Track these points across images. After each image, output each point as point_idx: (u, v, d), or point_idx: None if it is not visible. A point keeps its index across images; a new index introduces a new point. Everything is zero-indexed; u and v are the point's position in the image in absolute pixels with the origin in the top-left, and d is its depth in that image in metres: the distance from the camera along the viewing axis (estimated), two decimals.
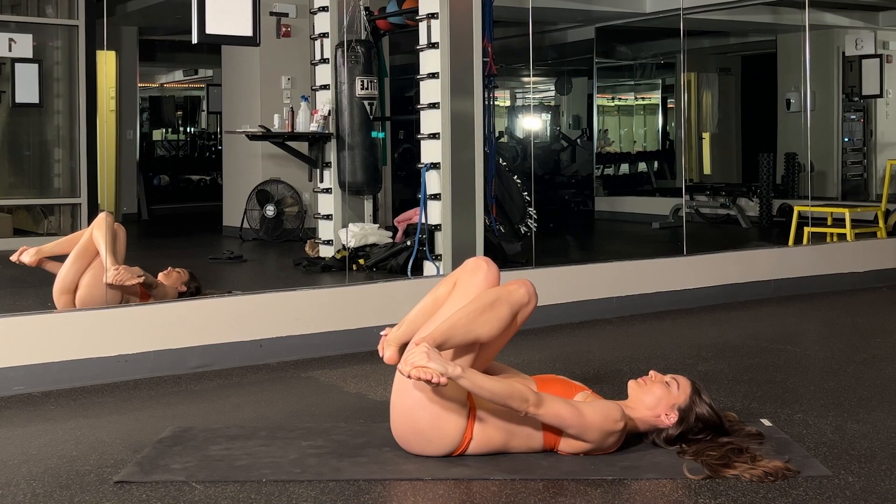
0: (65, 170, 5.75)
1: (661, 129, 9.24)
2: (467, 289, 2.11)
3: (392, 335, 2.13)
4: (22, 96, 5.52)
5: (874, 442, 2.21)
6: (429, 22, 4.32)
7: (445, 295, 2.15)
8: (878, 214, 5.54)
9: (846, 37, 7.52)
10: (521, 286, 2.11)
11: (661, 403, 2.10)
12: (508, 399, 1.96)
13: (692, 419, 2.09)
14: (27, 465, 2.11)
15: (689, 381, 2.14)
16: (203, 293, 3.52)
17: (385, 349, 2.12)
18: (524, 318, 2.14)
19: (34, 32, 5.60)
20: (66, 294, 3.25)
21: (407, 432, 2.07)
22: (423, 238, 4.35)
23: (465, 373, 1.93)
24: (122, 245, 3.30)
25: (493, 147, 4.90)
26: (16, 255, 3.36)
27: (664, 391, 2.10)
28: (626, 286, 3.97)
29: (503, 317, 2.06)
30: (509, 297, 2.08)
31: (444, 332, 2.00)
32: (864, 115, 7.62)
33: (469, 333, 2.02)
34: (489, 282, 2.13)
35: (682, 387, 2.12)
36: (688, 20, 5.70)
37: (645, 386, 2.13)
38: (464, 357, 2.04)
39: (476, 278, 2.12)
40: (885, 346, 3.37)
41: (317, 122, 5.09)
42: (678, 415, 2.09)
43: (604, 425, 2.02)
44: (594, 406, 2.04)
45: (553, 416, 2.00)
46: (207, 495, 1.90)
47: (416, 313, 2.16)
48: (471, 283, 2.12)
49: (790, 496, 1.87)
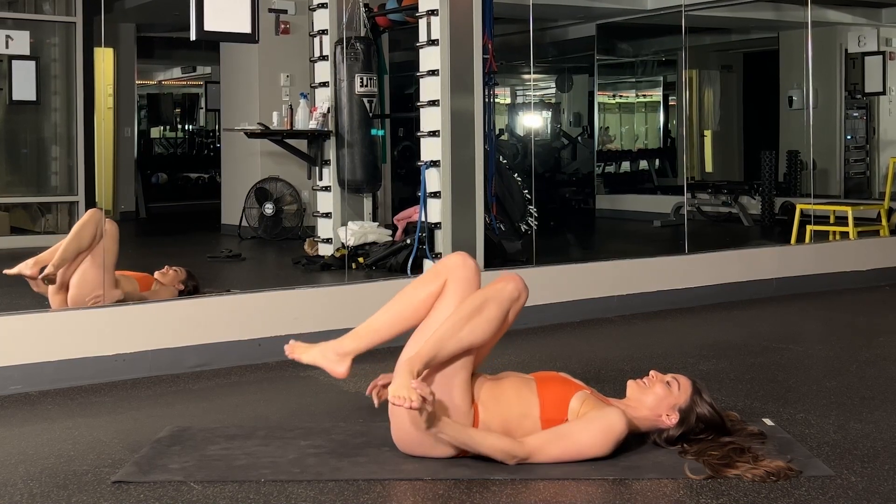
0: (62, 168, 5.74)
1: (663, 126, 9.22)
2: (458, 288, 2.05)
3: (349, 346, 2.04)
4: (19, 94, 5.50)
5: (877, 441, 2.20)
6: (429, 19, 4.30)
7: (427, 298, 2.06)
8: (880, 212, 5.51)
9: (849, 34, 7.49)
10: (508, 282, 2.07)
11: (662, 404, 2.08)
12: (491, 455, 1.96)
13: (693, 419, 2.07)
14: (24, 464, 2.10)
15: (690, 381, 2.13)
16: (201, 292, 3.50)
17: (339, 363, 2.03)
18: (516, 313, 2.09)
19: (31, 29, 5.59)
20: (58, 294, 3.22)
21: (412, 444, 2.05)
22: (422, 236, 4.33)
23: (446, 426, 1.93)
24: (112, 241, 3.23)
25: (493, 145, 4.88)
26: (14, 271, 3.26)
27: (665, 391, 2.09)
28: (627, 285, 3.96)
29: (494, 318, 2.02)
30: (498, 296, 2.03)
31: (431, 348, 1.96)
32: (866, 113, 7.60)
33: (460, 342, 1.98)
34: (475, 278, 2.07)
35: (682, 387, 2.10)
36: (689, 17, 5.67)
37: (645, 386, 2.10)
38: (462, 360, 2.01)
39: (466, 274, 2.05)
40: (887, 346, 3.35)
41: (316, 120, 5.07)
42: (679, 415, 2.08)
43: (606, 439, 2.00)
44: (591, 424, 2.00)
45: (547, 458, 1.98)
46: (206, 495, 1.89)
47: (382, 323, 2.06)
48: (461, 282, 2.05)
49: (792, 496, 1.86)
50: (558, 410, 2.04)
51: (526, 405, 2.05)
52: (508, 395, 2.07)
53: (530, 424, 2.04)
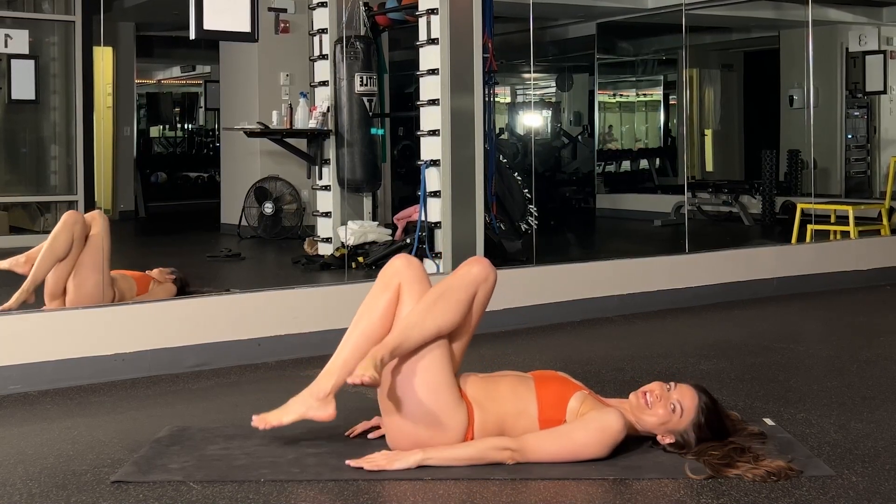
0: (61, 167, 5.73)
1: (663, 125, 9.21)
2: (413, 289, 2.01)
3: (326, 387, 1.99)
4: (18, 93, 5.49)
5: (878, 441, 2.19)
6: (428, 18, 4.29)
7: (386, 310, 2.01)
8: (881, 212, 5.50)
9: (850, 33, 7.48)
10: (472, 265, 2.05)
11: (662, 428, 2.04)
12: (485, 457, 1.95)
13: (692, 442, 2.02)
14: (23, 464, 2.10)
15: (695, 406, 2.02)
16: (196, 290, 3.49)
17: (323, 407, 1.99)
18: (486, 294, 2.06)
19: (30, 28, 5.58)
20: (56, 300, 3.20)
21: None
22: (422, 236, 4.33)
23: (429, 454, 1.93)
24: (99, 240, 3.12)
25: (493, 144, 4.87)
26: (4, 265, 3.19)
27: (666, 416, 2.02)
28: (627, 284, 3.95)
29: (460, 300, 1.99)
30: (462, 280, 2.01)
31: (396, 336, 1.94)
32: (867, 112, 7.58)
33: (426, 330, 1.95)
34: (424, 275, 2.04)
35: (685, 414, 2.02)
36: (690, 16, 5.66)
37: (647, 408, 2.03)
38: (433, 346, 1.97)
39: (415, 273, 2.01)
40: (888, 345, 3.35)
41: (315, 119, 5.06)
42: (675, 439, 2.04)
43: (603, 441, 1.98)
44: (588, 425, 1.97)
45: (542, 455, 1.97)
46: (205, 495, 1.88)
47: (350, 352, 2.01)
48: (414, 283, 2.01)
49: (793, 496, 1.85)
50: (557, 410, 2.03)
51: (523, 403, 2.04)
52: (505, 393, 2.05)
53: (527, 423, 2.03)
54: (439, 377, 1.99)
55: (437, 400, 1.98)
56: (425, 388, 1.98)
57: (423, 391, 1.98)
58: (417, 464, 1.95)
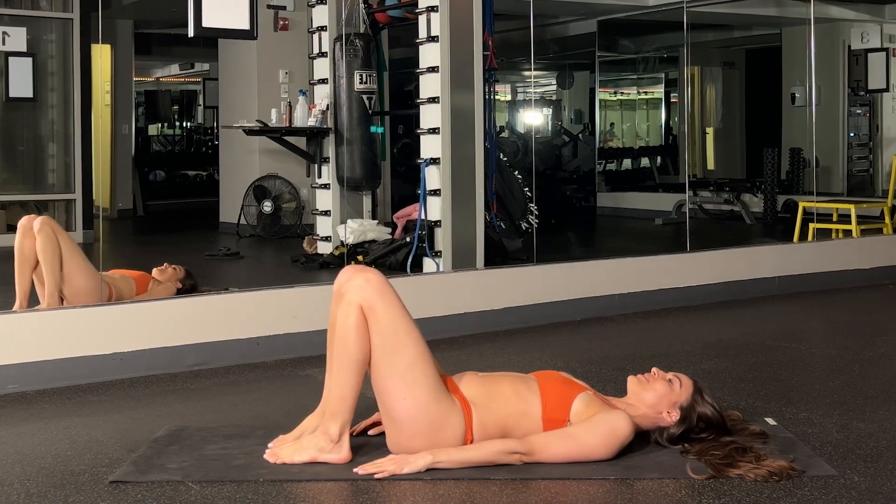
0: (59, 165, 5.73)
1: (664, 123, 9.19)
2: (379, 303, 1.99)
3: (335, 429, 1.99)
4: (16, 90, 5.49)
5: (880, 441, 2.19)
6: (428, 15, 4.27)
7: (358, 333, 1.97)
8: (884, 210, 5.50)
9: (852, 30, 7.46)
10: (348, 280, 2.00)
11: (663, 401, 2.07)
12: (494, 460, 1.95)
13: (694, 418, 2.07)
14: (21, 464, 2.09)
15: (692, 381, 2.12)
16: (199, 290, 3.48)
17: (338, 450, 1.99)
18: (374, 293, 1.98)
19: (28, 26, 5.57)
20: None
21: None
22: (422, 234, 4.32)
23: (438, 457, 1.93)
24: (61, 240, 3.10)
25: (493, 142, 4.86)
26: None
27: (666, 389, 2.08)
28: (628, 283, 3.94)
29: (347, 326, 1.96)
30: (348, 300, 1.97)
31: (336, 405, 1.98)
32: (869, 110, 7.57)
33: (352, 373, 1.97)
34: (378, 280, 2.02)
35: (684, 385, 2.09)
36: (691, 13, 5.65)
37: (646, 383, 2.10)
38: (408, 365, 1.95)
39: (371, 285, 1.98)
40: (891, 344, 3.33)
41: (315, 117, 5.05)
42: (680, 413, 2.07)
43: (610, 443, 1.99)
44: (594, 427, 1.98)
45: (550, 456, 1.97)
46: (204, 495, 1.87)
47: (343, 386, 2.00)
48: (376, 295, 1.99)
49: (795, 496, 1.84)
50: (561, 410, 2.02)
51: (526, 403, 2.03)
52: (506, 393, 2.04)
53: (530, 423, 2.02)
54: (425, 393, 1.97)
55: (429, 414, 1.98)
56: (414, 409, 1.98)
57: (412, 410, 1.97)
58: (427, 467, 1.94)
